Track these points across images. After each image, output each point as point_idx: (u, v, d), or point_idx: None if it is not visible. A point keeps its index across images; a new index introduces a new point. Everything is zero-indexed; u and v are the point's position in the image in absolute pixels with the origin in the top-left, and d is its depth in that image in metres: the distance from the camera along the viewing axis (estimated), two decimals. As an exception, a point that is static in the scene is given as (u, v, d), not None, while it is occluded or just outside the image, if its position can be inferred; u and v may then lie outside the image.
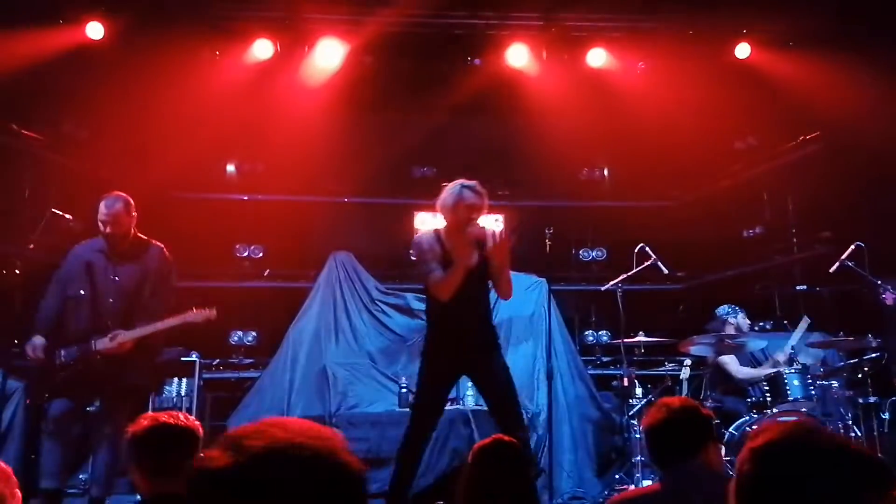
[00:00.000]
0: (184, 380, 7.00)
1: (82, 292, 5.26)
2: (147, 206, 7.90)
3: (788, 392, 5.88)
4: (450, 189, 4.88)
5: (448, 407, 6.68)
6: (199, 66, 7.57)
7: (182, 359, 7.13)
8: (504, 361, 5.07)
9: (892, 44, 6.52)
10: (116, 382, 5.14)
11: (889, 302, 5.96)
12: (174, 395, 6.93)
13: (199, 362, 7.13)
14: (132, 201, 5.45)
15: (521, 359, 7.58)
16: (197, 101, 7.48)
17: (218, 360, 8.20)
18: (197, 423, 2.81)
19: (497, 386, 4.93)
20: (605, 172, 9.48)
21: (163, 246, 5.58)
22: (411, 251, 5.19)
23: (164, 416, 2.75)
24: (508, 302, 7.85)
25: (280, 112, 8.08)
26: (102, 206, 5.31)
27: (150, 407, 6.64)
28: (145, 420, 2.76)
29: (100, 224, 5.31)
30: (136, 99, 7.39)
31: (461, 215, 4.79)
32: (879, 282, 6.01)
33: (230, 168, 8.98)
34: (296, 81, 7.89)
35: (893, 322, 6.17)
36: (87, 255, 5.38)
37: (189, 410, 6.65)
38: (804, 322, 6.58)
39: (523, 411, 6.95)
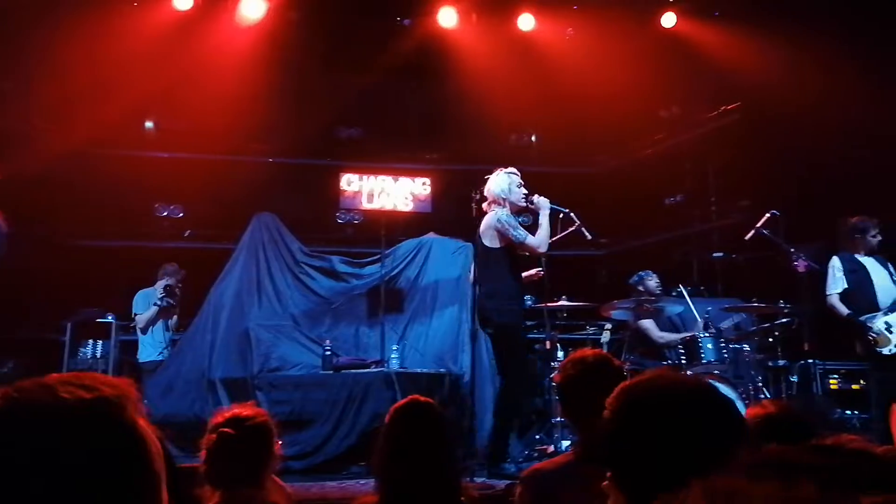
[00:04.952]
0: (99, 341, 6.79)
1: None
2: (66, 163, 7.65)
3: (702, 355, 6.07)
4: (500, 179, 6.01)
5: (373, 369, 6.72)
6: (116, 17, 7.25)
7: (97, 320, 6.92)
8: None
9: (808, 18, 6.68)
10: None
11: (801, 269, 6.14)
12: (89, 356, 6.72)
13: (115, 324, 6.92)
14: None
15: (446, 322, 7.61)
16: (115, 54, 7.18)
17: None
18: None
19: None
20: (533, 138, 9.48)
21: None
22: (498, 229, 5.86)
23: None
24: (435, 266, 7.95)
25: (202, 69, 7.82)
26: None
27: (65, 368, 6.43)
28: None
29: None
30: (56, 51, 7.05)
31: (519, 193, 6.01)
32: (792, 249, 6.18)
33: (148, 124, 8.67)
34: (218, 37, 7.65)
35: (804, 288, 6.39)
36: None
37: (105, 372, 6.46)
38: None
39: (448, 373, 7.05)
